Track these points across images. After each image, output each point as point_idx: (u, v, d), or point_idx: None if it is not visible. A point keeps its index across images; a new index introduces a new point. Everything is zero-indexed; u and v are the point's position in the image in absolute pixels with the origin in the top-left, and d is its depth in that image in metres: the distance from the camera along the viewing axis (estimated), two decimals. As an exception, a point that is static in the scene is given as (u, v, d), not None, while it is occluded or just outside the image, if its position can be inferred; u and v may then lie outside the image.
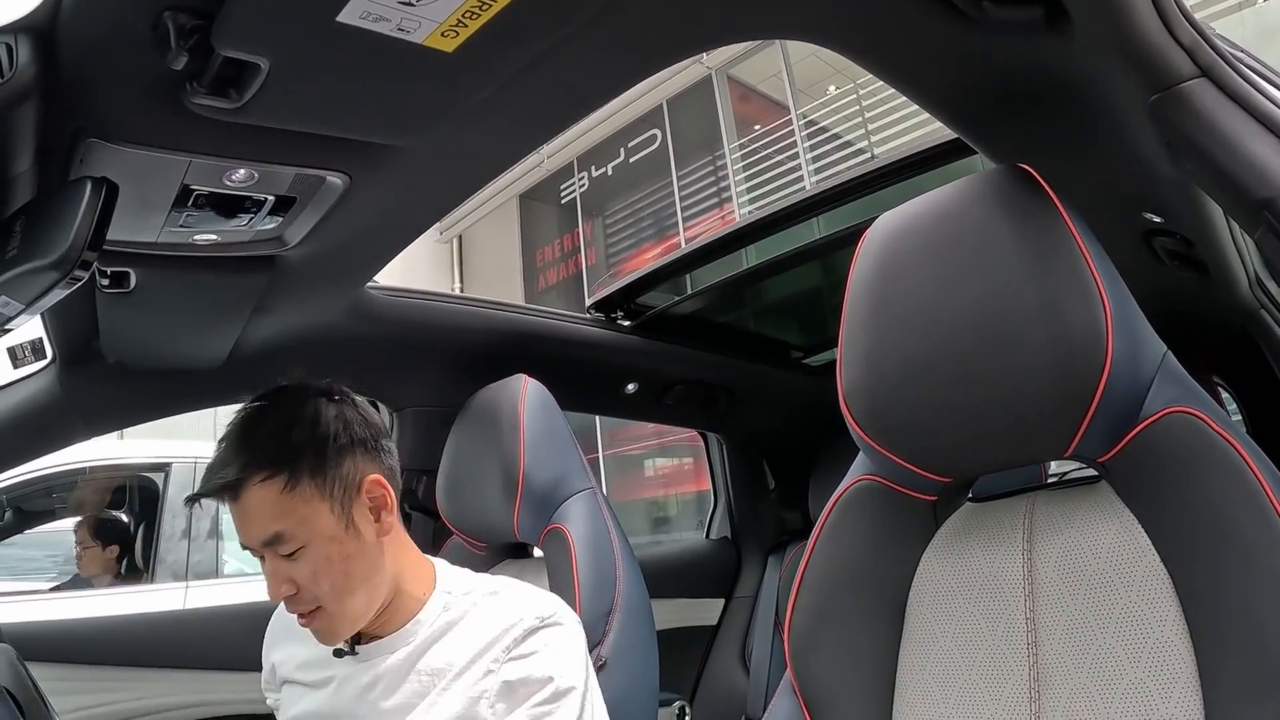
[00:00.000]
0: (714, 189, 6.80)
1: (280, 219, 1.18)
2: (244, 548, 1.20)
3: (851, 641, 1.04)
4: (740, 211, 6.38)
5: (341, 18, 0.80)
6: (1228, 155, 0.84)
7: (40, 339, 1.56)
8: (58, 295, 0.92)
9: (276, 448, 1.16)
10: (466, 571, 1.37)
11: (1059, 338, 0.86)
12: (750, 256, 2.07)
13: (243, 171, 1.05)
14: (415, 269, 8.19)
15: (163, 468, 3.47)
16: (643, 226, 7.50)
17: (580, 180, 7.97)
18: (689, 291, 2.20)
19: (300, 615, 1.20)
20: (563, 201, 8.14)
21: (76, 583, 3.38)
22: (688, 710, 2.49)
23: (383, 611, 1.25)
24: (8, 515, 3.40)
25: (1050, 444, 0.91)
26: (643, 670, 1.51)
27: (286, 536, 1.15)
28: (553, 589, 1.55)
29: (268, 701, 1.46)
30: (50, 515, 3.62)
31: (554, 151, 7.53)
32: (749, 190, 6.45)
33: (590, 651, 1.31)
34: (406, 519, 2.06)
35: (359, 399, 1.30)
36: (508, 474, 1.62)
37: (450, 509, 1.80)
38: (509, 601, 1.27)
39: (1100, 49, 0.90)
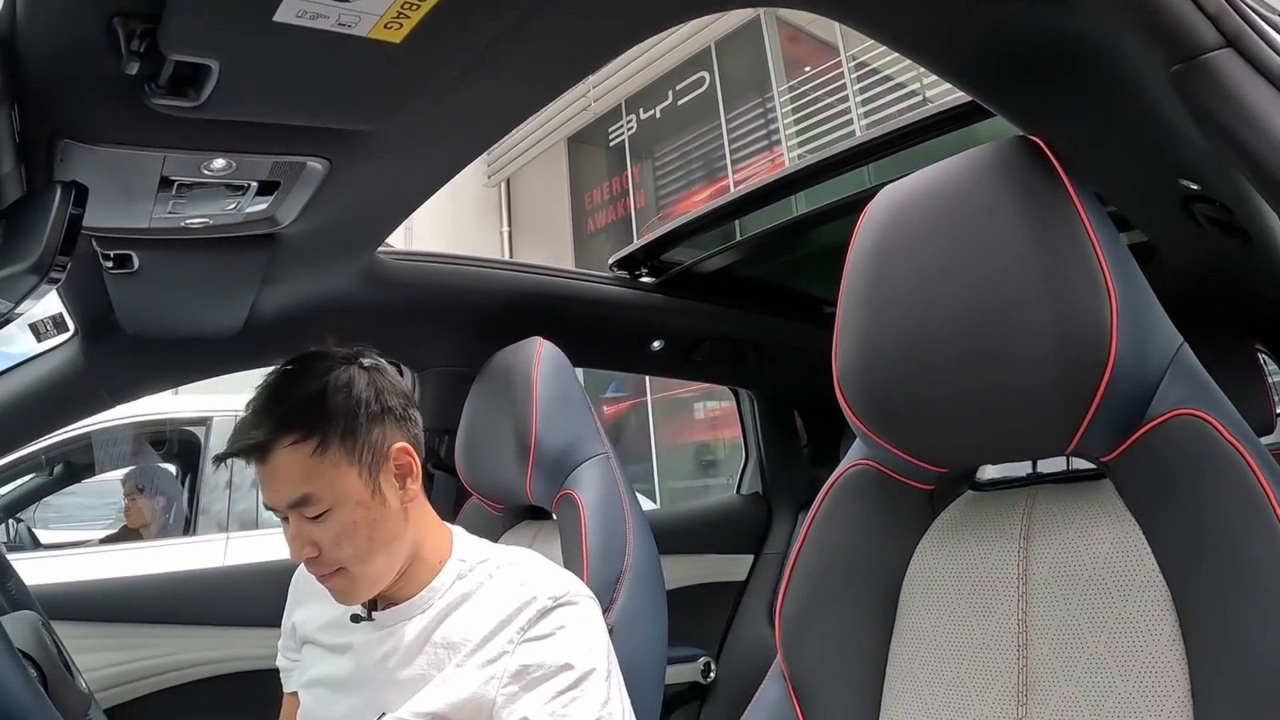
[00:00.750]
0: (764, 132, 6.64)
1: (268, 200, 1.16)
2: (268, 508, 1.21)
3: (842, 630, 1.01)
4: (789, 155, 6.23)
5: (278, 17, 0.78)
6: (1254, 133, 0.75)
7: (61, 313, 1.60)
8: (43, 292, 0.94)
9: (309, 412, 1.17)
10: (483, 541, 1.37)
11: (1061, 328, 0.79)
12: (800, 204, 1.98)
13: (220, 161, 1.04)
14: (463, 213, 8.16)
15: (204, 421, 3.52)
16: (692, 169, 7.37)
17: (628, 123, 7.83)
18: (716, 247, 2.13)
19: (322, 576, 1.21)
20: (611, 144, 8.02)
21: (124, 533, 3.45)
22: (713, 666, 2.48)
23: (400, 576, 1.25)
24: (58, 469, 3.48)
25: (1050, 440, 0.85)
26: (650, 636, 1.50)
27: (314, 499, 1.16)
28: (564, 555, 1.54)
29: (278, 661, 1.48)
30: (96, 469, 3.70)
31: (601, 95, 7.41)
32: (798, 134, 6.29)
33: None
34: (429, 478, 2.07)
35: (389, 367, 1.30)
36: (520, 439, 1.60)
37: (467, 471, 1.79)
38: (524, 578, 1.26)
39: (1116, 15, 0.81)
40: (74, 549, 3.25)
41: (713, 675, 2.47)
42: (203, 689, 1.97)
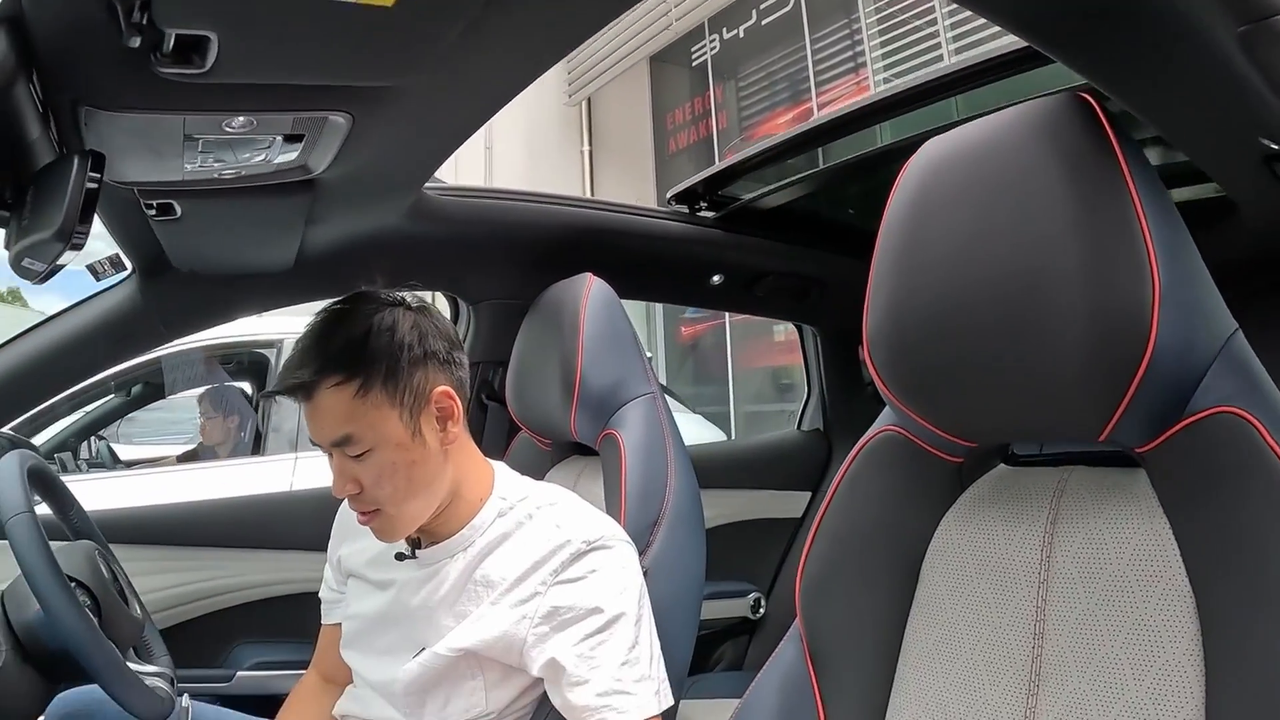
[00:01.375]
0: (849, 54, 6.38)
1: (296, 151, 1.14)
2: (313, 444, 1.23)
3: (861, 597, 0.98)
4: (875, 79, 5.98)
5: None
6: None
7: (118, 253, 1.63)
8: (70, 257, 0.95)
9: (352, 354, 1.18)
10: (524, 479, 1.37)
11: (1098, 307, 0.72)
12: (885, 134, 1.88)
13: (240, 119, 1.03)
14: (543, 133, 8.08)
15: (275, 344, 3.56)
16: (776, 90, 7.14)
17: (711, 42, 7.58)
18: (778, 182, 2.04)
19: (361, 514, 1.23)
20: (693, 64, 7.79)
21: (201, 451, 3.54)
22: (763, 602, 2.47)
23: (440, 513, 1.27)
24: (136, 389, 3.57)
25: (1083, 424, 0.78)
26: (686, 579, 1.48)
27: (355, 439, 1.17)
28: (606, 495, 1.53)
29: (321, 592, 1.51)
30: (166, 392, 3.78)
31: (683, 13, 7.17)
32: (884, 57, 6.03)
33: None
34: (482, 409, 2.07)
35: (436, 309, 1.29)
36: (566, 376, 1.58)
37: (517, 405, 1.78)
38: (560, 520, 1.26)
39: None
40: (151, 467, 3.34)
41: (762, 611, 2.46)
42: (253, 611, 2.04)
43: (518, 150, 7.84)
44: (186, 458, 3.63)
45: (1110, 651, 0.77)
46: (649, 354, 4.75)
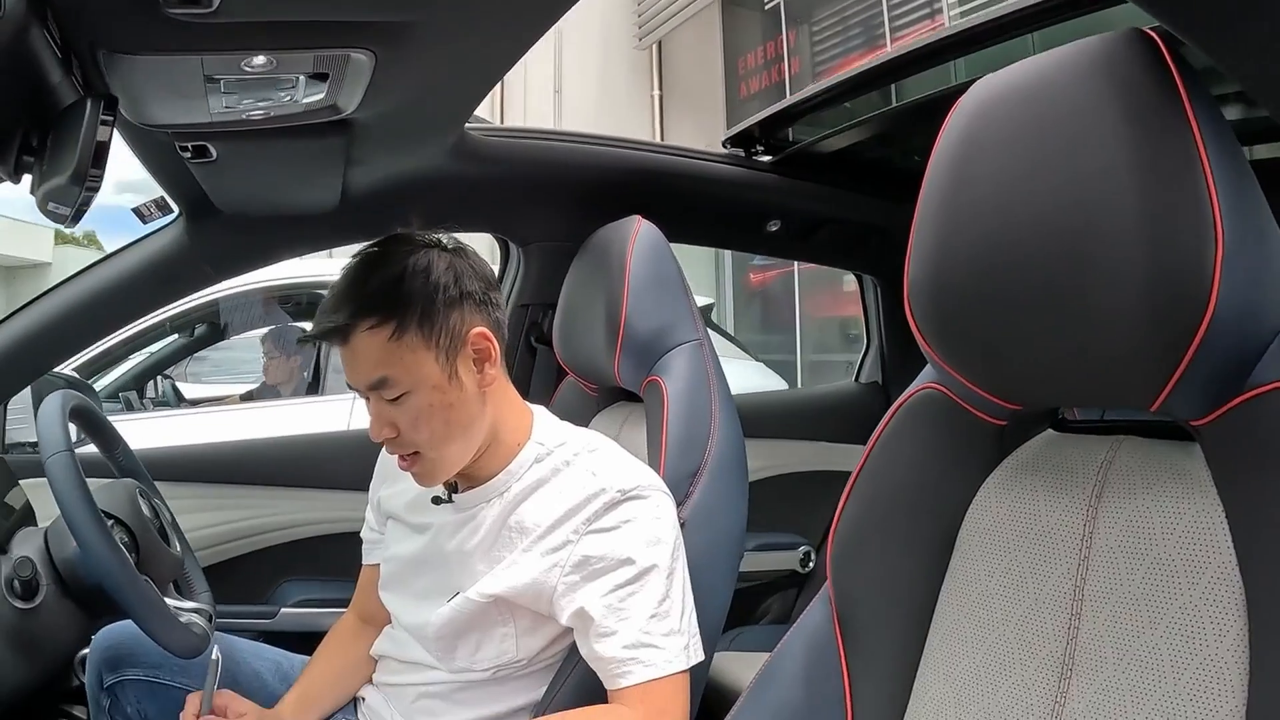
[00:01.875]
0: (925, -1, 6.13)
1: (322, 91, 1.11)
2: (350, 388, 1.22)
3: (894, 561, 0.93)
4: (951, 24, 5.69)
5: None
6: None
7: (163, 196, 1.63)
8: (89, 199, 0.95)
9: (387, 296, 1.16)
10: (564, 425, 1.35)
11: (1154, 264, 0.65)
12: (959, 73, 1.77)
13: (260, 59, 1.00)
14: (613, 76, 7.96)
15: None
16: (850, 35, 6.87)
17: (785, -16, 7.37)
18: (838, 124, 1.93)
19: (400, 458, 1.22)
20: (766, 7, 7.51)
21: (264, 390, 3.57)
22: (813, 556, 2.42)
23: (478, 457, 1.25)
24: (199, 329, 3.62)
25: (1134, 392, 0.71)
26: (725, 532, 1.43)
27: (391, 382, 1.16)
28: (648, 444, 1.49)
29: (362, 533, 1.51)
30: (224, 333, 3.82)
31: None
32: (960, 2, 5.75)
33: None
34: (531, 352, 2.04)
35: (473, 251, 1.26)
36: (611, 319, 1.54)
37: (563, 348, 1.75)
38: (596, 468, 1.24)
39: None
40: (214, 406, 3.38)
41: (811, 565, 2.41)
42: (298, 549, 2.06)
43: (587, 95, 7.74)
44: (249, 397, 3.67)
45: (1149, 640, 0.70)
46: (710, 300, 4.68)
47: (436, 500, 1.31)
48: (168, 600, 1.37)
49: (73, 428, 1.41)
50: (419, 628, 1.30)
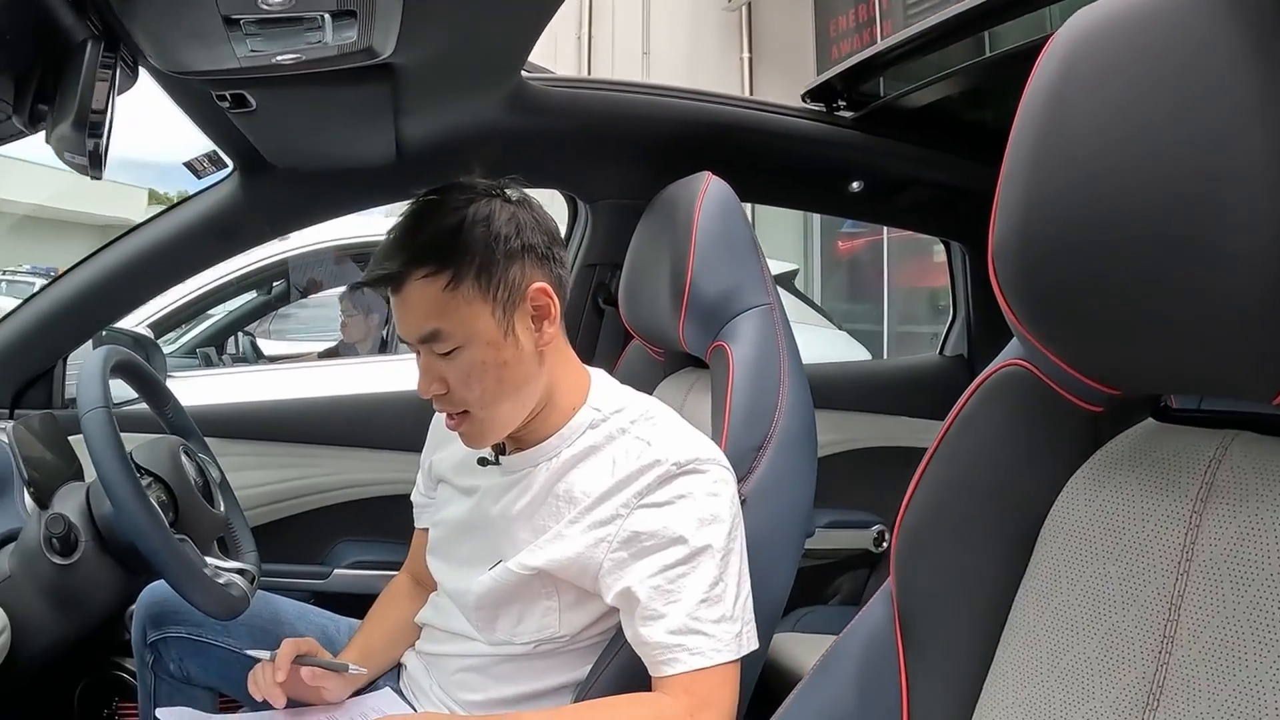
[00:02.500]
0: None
1: (352, 31, 1.04)
2: (401, 340, 1.15)
3: (964, 561, 0.81)
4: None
5: None
6: None
7: (215, 150, 1.62)
8: (99, 145, 0.92)
9: (443, 244, 1.09)
10: (624, 390, 1.26)
11: None
12: (1055, 20, 1.59)
13: None
14: (702, 39, 7.77)
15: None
16: (945, -1, 6.59)
17: (878, -56, 7.05)
18: (927, 77, 1.76)
19: (448, 417, 1.16)
20: (858, -32, 7.30)
21: (342, 348, 3.54)
22: (887, 536, 2.28)
23: (530, 420, 1.18)
24: (277, 286, 3.62)
25: (1255, 379, 0.58)
26: (789, 510, 1.32)
27: (444, 335, 1.09)
28: (712, 414, 1.38)
29: (413, 496, 1.45)
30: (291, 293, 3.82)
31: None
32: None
33: None
34: (598, 314, 1.95)
35: (537, 202, 1.19)
36: (676, 281, 1.43)
37: (628, 311, 1.66)
38: (653, 438, 1.15)
39: None
40: (292, 363, 3.38)
41: (885, 545, 2.28)
42: (355, 510, 2.02)
43: (676, 58, 7.60)
44: (328, 355, 3.65)
45: (1253, 672, 0.58)
46: (794, 265, 4.53)
47: (483, 461, 1.24)
48: (209, 560, 1.34)
49: (123, 384, 1.39)
50: (460, 595, 1.24)
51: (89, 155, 0.94)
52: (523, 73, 1.54)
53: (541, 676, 1.21)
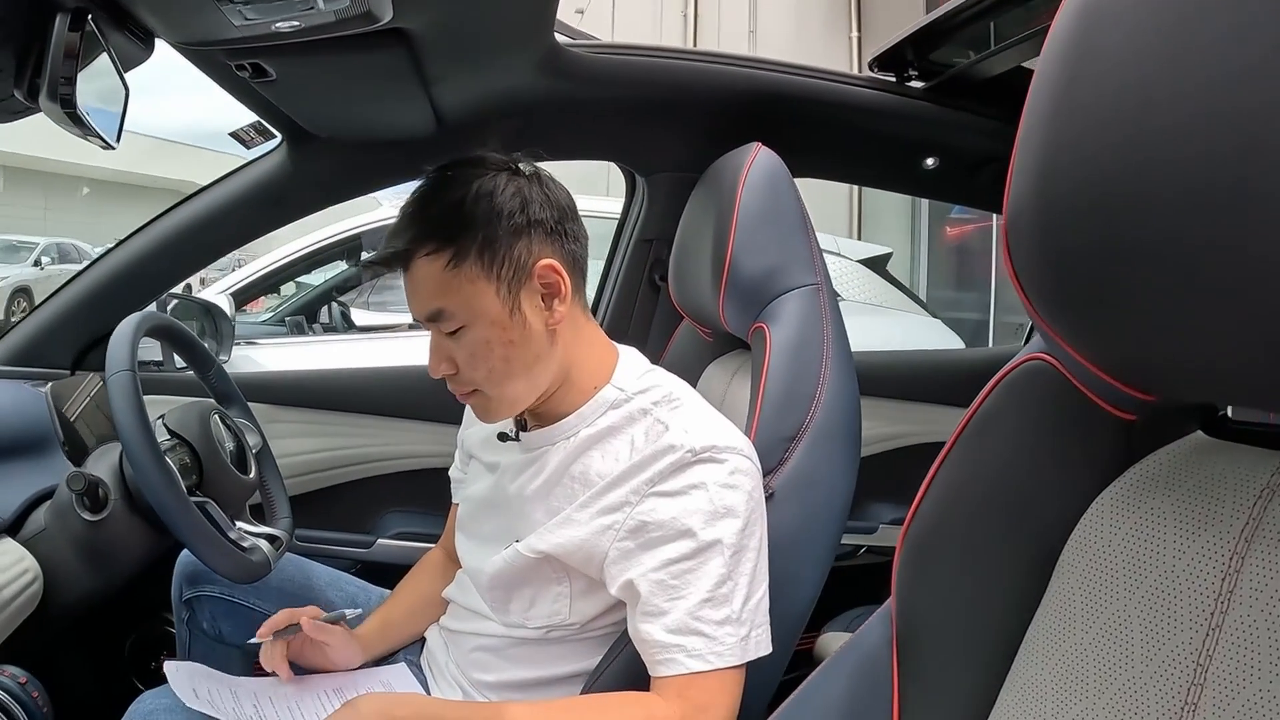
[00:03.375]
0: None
1: None
2: (414, 319, 1.10)
3: (975, 579, 0.68)
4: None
5: None
6: None
7: (260, 121, 1.59)
8: (73, 115, 0.91)
9: (446, 221, 1.03)
10: (656, 371, 1.16)
11: None
12: None
13: None
14: (809, 17, 7.53)
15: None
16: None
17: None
18: (998, 43, 1.58)
19: (459, 394, 1.11)
20: (972, -57, 6.94)
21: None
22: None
23: (548, 398, 1.11)
24: (343, 268, 3.63)
25: None
26: (821, 509, 1.19)
27: (447, 314, 1.04)
28: (751, 401, 1.27)
29: (451, 471, 1.40)
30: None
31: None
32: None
33: None
34: (654, 290, 1.86)
35: (551, 176, 1.11)
36: (717, 257, 1.32)
37: (676, 288, 1.55)
38: (672, 422, 1.05)
39: None
40: (380, 333, 3.38)
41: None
42: (403, 481, 1.99)
43: (783, 36, 7.40)
44: (418, 326, 3.65)
45: None
46: (887, 249, 4.34)
47: (502, 437, 1.18)
48: (239, 524, 1.32)
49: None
50: (476, 574, 1.18)
51: (85, 126, 0.93)
52: (562, 38, 1.46)
53: (554, 663, 1.14)
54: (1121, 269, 0.47)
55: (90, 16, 0.85)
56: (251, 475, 1.40)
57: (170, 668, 1.12)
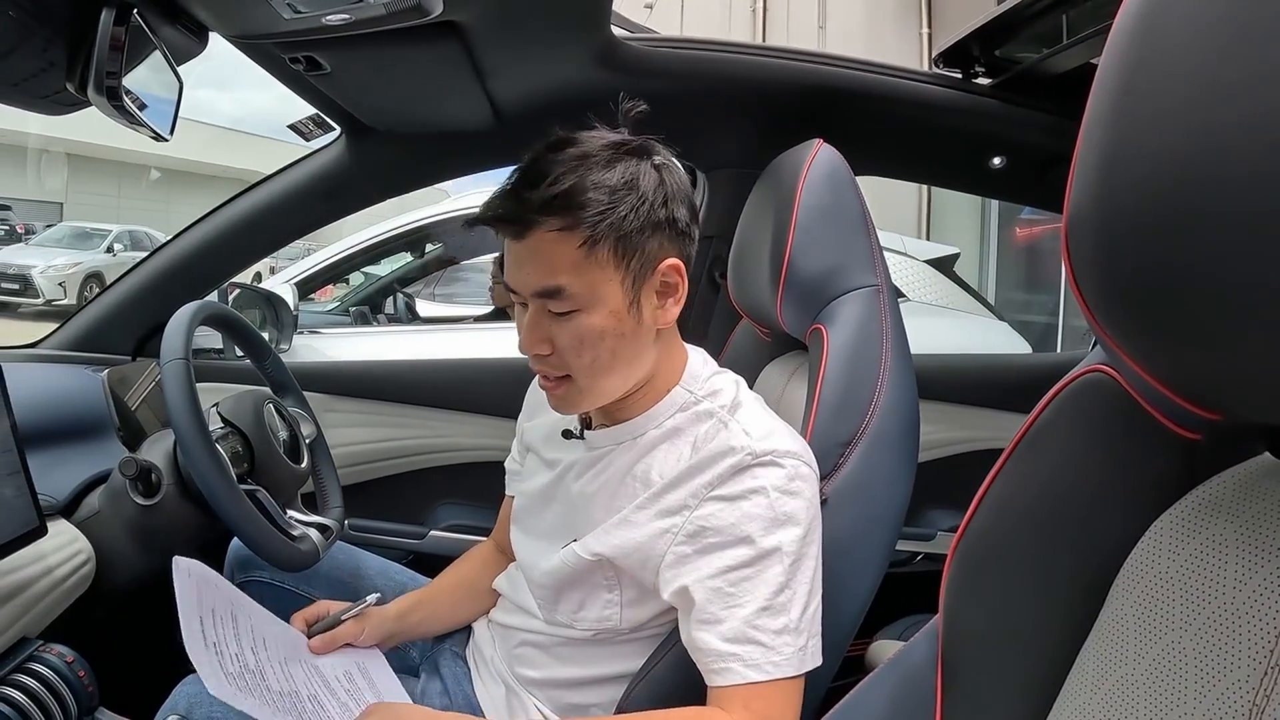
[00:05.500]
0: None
1: None
2: (507, 288, 1.03)
3: (1025, 602, 0.64)
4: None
5: None
6: None
7: (318, 114, 1.60)
8: (127, 107, 0.91)
9: (587, 202, 0.95)
10: (723, 374, 1.13)
11: None
12: None
13: None
14: (881, 14, 7.39)
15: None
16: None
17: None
18: (1070, 38, 1.51)
19: (545, 378, 1.05)
20: (1050, -65, 6.74)
21: (495, 313, 3.53)
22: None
23: (625, 397, 1.07)
24: (430, 249, 3.63)
25: None
26: (876, 517, 1.15)
27: (567, 294, 0.97)
28: (806, 404, 1.24)
29: (506, 462, 1.38)
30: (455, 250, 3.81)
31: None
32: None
33: None
34: (714, 288, 1.84)
35: (680, 167, 1.06)
36: (775, 256, 1.29)
37: (735, 287, 1.52)
38: (733, 425, 1.02)
39: None
40: (446, 324, 3.39)
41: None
42: (458, 473, 2.00)
43: (853, 32, 7.28)
44: (484, 319, 3.66)
45: None
46: (953, 250, 4.23)
47: (567, 434, 1.15)
48: (290, 512, 1.34)
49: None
50: (529, 569, 1.17)
51: (135, 119, 0.94)
52: (619, 31, 1.44)
53: (600, 663, 1.13)
54: (1182, 277, 0.43)
55: (136, 10, 0.86)
56: (304, 464, 1.41)
57: (180, 560, 1.10)
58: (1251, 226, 0.38)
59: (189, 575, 1.10)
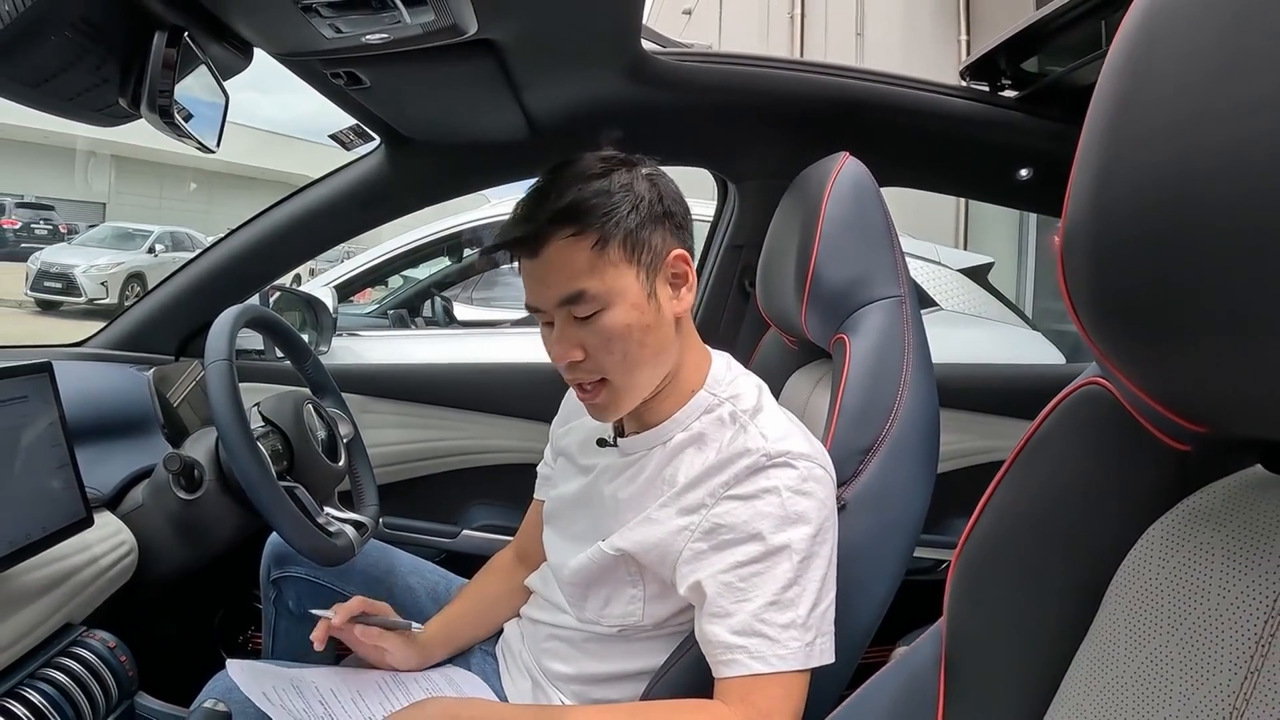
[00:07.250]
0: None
1: (429, 11, 1.03)
2: (531, 309, 1.09)
3: (1024, 606, 0.67)
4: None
5: None
6: None
7: (359, 124, 1.65)
8: (178, 122, 0.95)
9: (591, 206, 1.03)
10: (746, 377, 1.17)
11: None
12: None
13: None
14: (919, 21, 7.34)
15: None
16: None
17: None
18: (1106, 46, 1.52)
19: (581, 388, 1.10)
20: (1084, -56, 6.65)
21: (531, 318, 3.57)
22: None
23: (653, 396, 1.12)
24: (466, 254, 3.67)
25: None
26: (894, 523, 1.18)
27: (588, 296, 1.03)
28: (828, 412, 1.27)
29: (539, 467, 1.42)
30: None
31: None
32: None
33: None
34: (744, 297, 1.86)
35: (668, 175, 1.14)
36: (800, 266, 1.32)
37: (763, 296, 1.55)
38: (751, 426, 1.06)
39: None
40: (481, 329, 3.42)
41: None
42: (491, 474, 2.04)
43: (891, 38, 7.25)
44: (520, 323, 3.70)
45: None
46: (988, 259, 4.21)
47: (602, 442, 1.20)
48: (328, 509, 1.37)
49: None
50: (559, 568, 1.21)
51: (185, 134, 0.98)
52: (650, 45, 1.47)
53: (627, 658, 1.17)
54: (1171, 291, 0.45)
55: (187, 34, 0.90)
56: (341, 463, 1.45)
57: (233, 667, 1.14)
58: (1236, 246, 0.40)
59: (243, 671, 1.14)
